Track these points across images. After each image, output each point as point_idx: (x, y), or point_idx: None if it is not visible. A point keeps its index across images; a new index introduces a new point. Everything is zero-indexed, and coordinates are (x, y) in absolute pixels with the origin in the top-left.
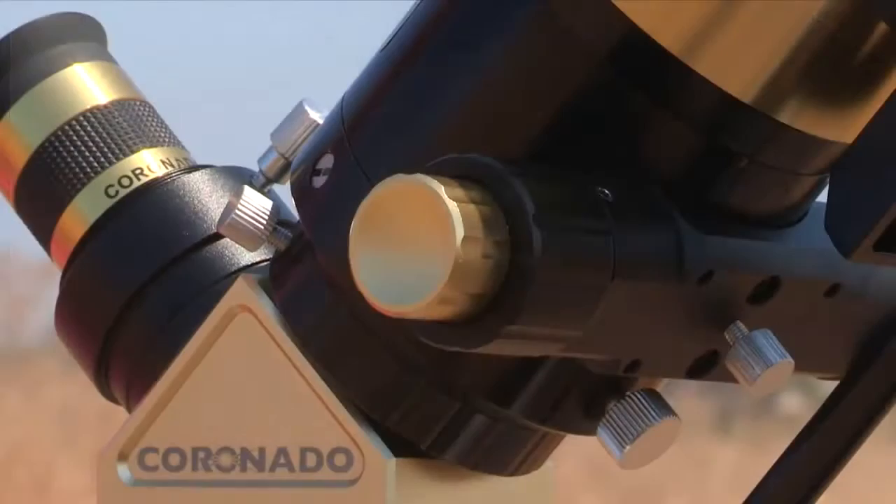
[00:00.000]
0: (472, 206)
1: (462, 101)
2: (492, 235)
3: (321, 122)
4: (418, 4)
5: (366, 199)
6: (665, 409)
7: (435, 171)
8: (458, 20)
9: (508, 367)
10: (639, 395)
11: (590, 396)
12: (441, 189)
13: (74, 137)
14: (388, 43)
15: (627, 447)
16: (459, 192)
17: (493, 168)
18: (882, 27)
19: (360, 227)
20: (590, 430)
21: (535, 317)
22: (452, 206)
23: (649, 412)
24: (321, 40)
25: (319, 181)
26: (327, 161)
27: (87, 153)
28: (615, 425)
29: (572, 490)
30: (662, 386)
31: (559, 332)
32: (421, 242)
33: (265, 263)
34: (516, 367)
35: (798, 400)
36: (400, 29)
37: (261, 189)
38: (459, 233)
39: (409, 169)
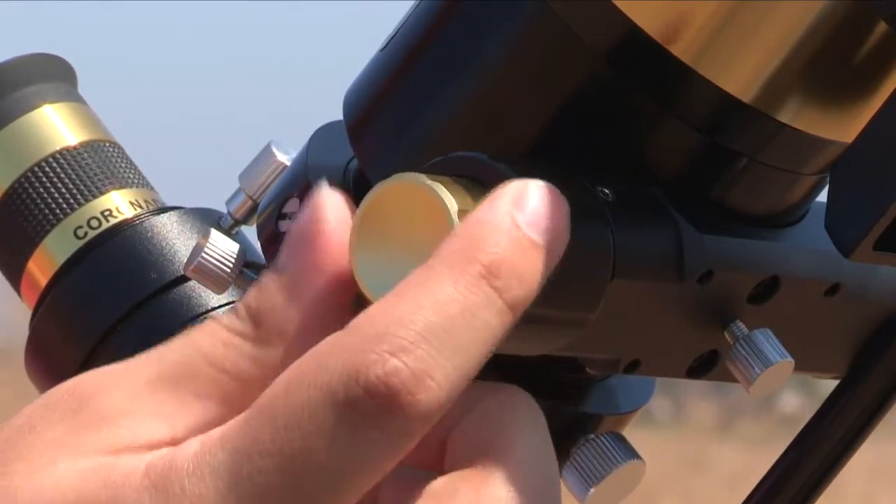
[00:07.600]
0: (472, 209)
1: (462, 101)
2: None
3: (288, 163)
4: (417, 5)
5: (366, 197)
6: (630, 451)
7: (435, 171)
8: (458, 20)
9: None
10: (604, 438)
11: (554, 439)
12: (441, 189)
13: (44, 179)
14: (388, 43)
15: (592, 489)
16: (460, 192)
17: (495, 168)
18: (882, 27)
19: (361, 225)
20: None
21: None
22: (453, 207)
23: (615, 454)
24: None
25: (285, 225)
26: (293, 205)
27: (56, 195)
28: (581, 467)
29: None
30: (626, 430)
31: (558, 330)
32: (420, 243)
33: (233, 305)
34: None
35: (798, 400)
36: (399, 29)
37: (228, 231)
38: None
39: (409, 168)
